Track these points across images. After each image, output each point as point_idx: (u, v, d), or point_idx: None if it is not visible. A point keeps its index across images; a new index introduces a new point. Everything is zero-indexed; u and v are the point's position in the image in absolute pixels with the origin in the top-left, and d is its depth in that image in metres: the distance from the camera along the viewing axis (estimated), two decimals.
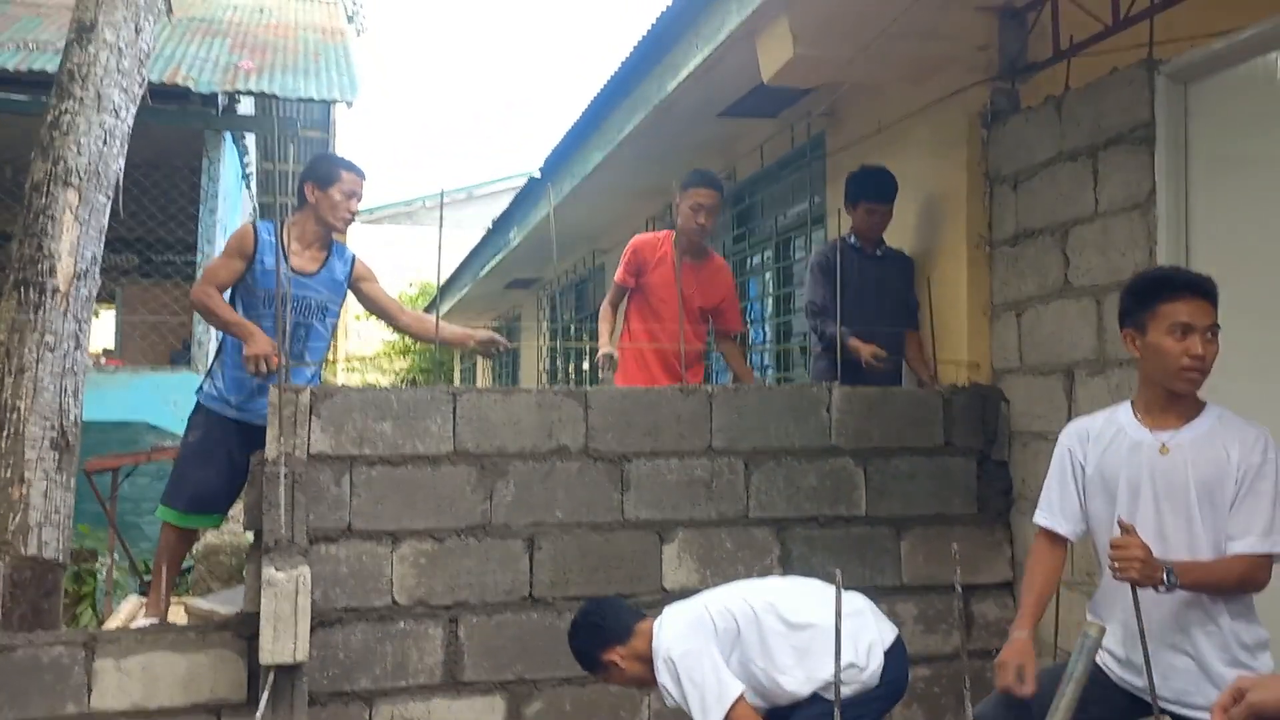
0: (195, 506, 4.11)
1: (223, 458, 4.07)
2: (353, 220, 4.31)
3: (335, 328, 4.44)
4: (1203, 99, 3.40)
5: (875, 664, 2.93)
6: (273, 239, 4.06)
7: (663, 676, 2.86)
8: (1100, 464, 2.64)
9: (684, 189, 4.79)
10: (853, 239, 4.56)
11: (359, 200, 4.29)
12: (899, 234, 4.68)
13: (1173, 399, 2.54)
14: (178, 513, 4.10)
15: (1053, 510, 2.76)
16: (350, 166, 4.29)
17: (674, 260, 4.74)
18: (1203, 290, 2.49)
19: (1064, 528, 2.74)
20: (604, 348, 4.86)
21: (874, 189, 4.52)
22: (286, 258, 4.06)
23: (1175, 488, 2.50)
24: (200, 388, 4.21)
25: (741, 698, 2.81)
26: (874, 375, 4.33)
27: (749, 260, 7.06)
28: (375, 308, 4.47)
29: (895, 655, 3.00)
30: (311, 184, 4.24)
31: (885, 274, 4.57)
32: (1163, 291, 2.51)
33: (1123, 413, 2.66)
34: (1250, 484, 2.43)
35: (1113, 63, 3.65)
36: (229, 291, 4.12)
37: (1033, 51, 4.13)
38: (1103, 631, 1.94)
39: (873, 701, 2.94)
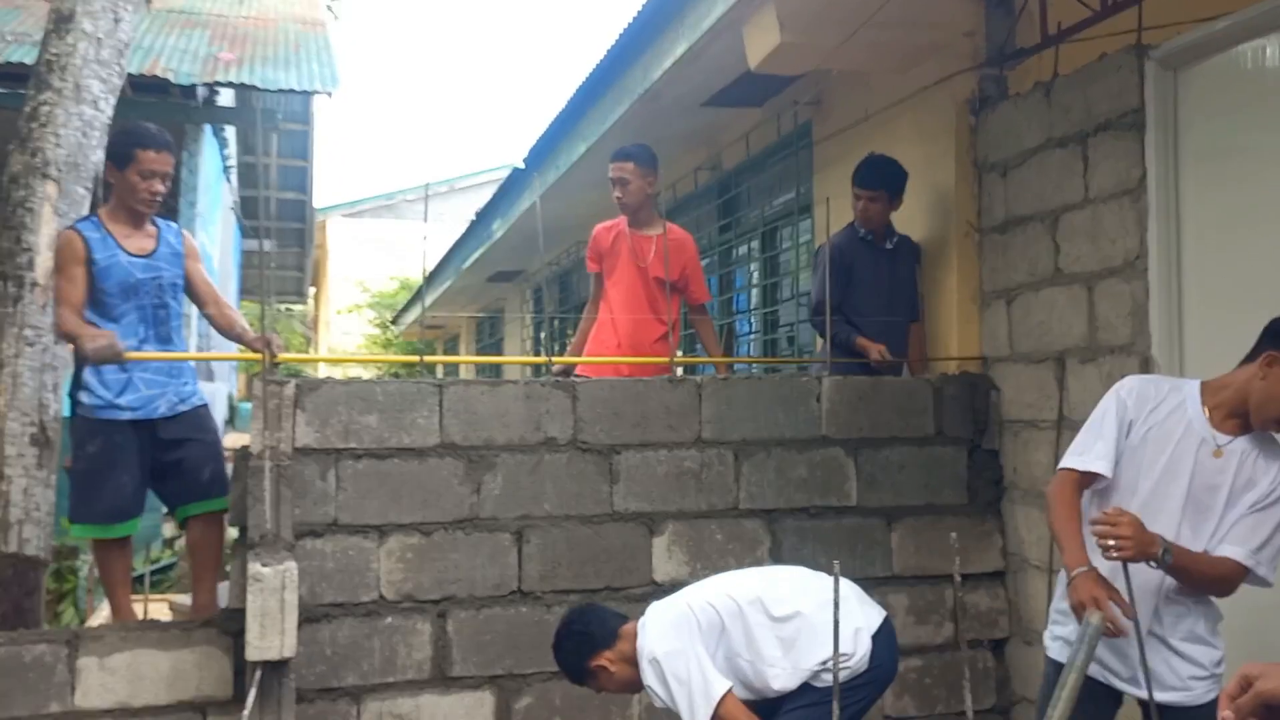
0: (114, 516, 3.88)
1: (131, 461, 3.87)
2: (156, 201, 3.93)
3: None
4: (1193, 84, 3.39)
5: (863, 649, 2.93)
6: (99, 233, 3.89)
7: (648, 677, 2.84)
8: (1150, 432, 2.59)
9: None
10: (862, 230, 4.46)
11: (163, 180, 3.91)
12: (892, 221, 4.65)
13: (1243, 404, 2.52)
14: (99, 526, 3.87)
15: (1096, 453, 2.62)
16: (148, 142, 3.89)
17: (628, 236, 4.75)
18: None
19: (1101, 467, 2.61)
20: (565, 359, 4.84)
21: (861, 175, 4.42)
22: (120, 246, 3.89)
23: (1212, 489, 2.51)
24: (77, 402, 3.92)
25: (729, 693, 2.79)
26: (879, 368, 4.29)
27: (735, 250, 7.04)
28: (190, 290, 4.16)
29: (883, 639, 3.00)
30: (109, 164, 3.97)
31: (897, 267, 4.47)
32: None
33: (1190, 395, 2.60)
34: (1272, 504, 2.45)
35: (1102, 48, 3.63)
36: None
37: (1021, 38, 4.11)
38: (1104, 620, 1.92)
39: (863, 687, 2.93)
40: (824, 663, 2.84)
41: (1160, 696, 2.49)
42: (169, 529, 7.34)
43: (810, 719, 2.79)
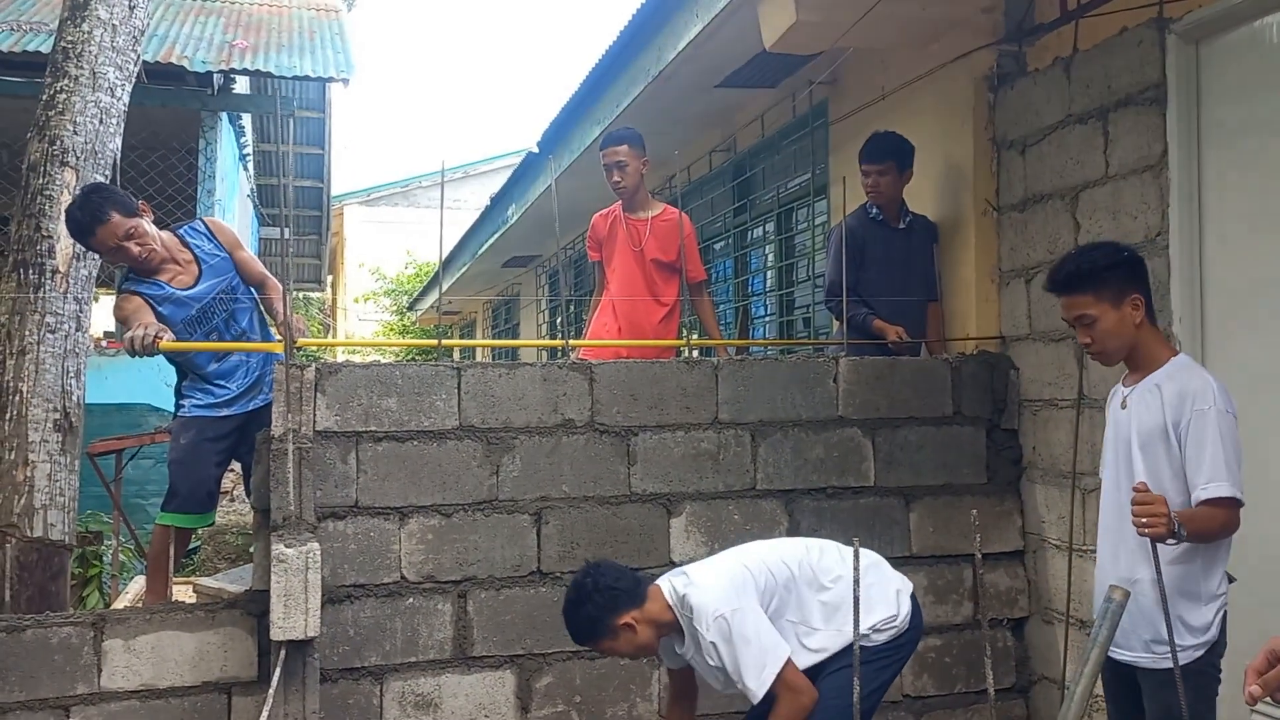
0: (210, 504, 4.13)
1: (225, 449, 4.09)
2: (145, 255, 3.88)
3: (257, 284, 4.25)
4: (1214, 58, 3.35)
5: (905, 609, 3.04)
6: (149, 285, 3.95)
7: (711, 634, 2.82)
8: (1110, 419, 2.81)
9: None
10: (874, 211, 4.46)
11: (133, 238, 3.84)
12: (907, 201, 4.63)
13: (1134, 359, 2.69)
14: (194, 516, 4.07)
15: (1105, 463, 2.86)
16: (83, 231, 3.85)
17: (623, 221, 4.79)
18: (1058, 286, 2.65)
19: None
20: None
21: (867, 151, 4.43)
22: (172, 286, 3.98)
23: (1124, 439, 2.67)
24: (180, 405, 4.07)
25: (790, 657, 2.84)
26: (898, 349, 4.28)
27: (750, 232, 7.02)
28: (244, 278, 4.20)
29: (915, 601, 3.14)
30: (78, 243, 4.06)
31: (911, 246, 4.44)
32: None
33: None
34: (1198, 432, 2.49)
35: (1122, 22, 3.59)
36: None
37: (1039, 13, 4.07)
38: (1127, 596, 1.92)
39: (903, 646, 3.05)
40: (873, 626, 2.95)
41: (1126, 656, 2.60)
42: None
43: (861, 676, 2.82)
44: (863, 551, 2.95)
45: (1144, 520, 2.36)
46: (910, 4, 4.06)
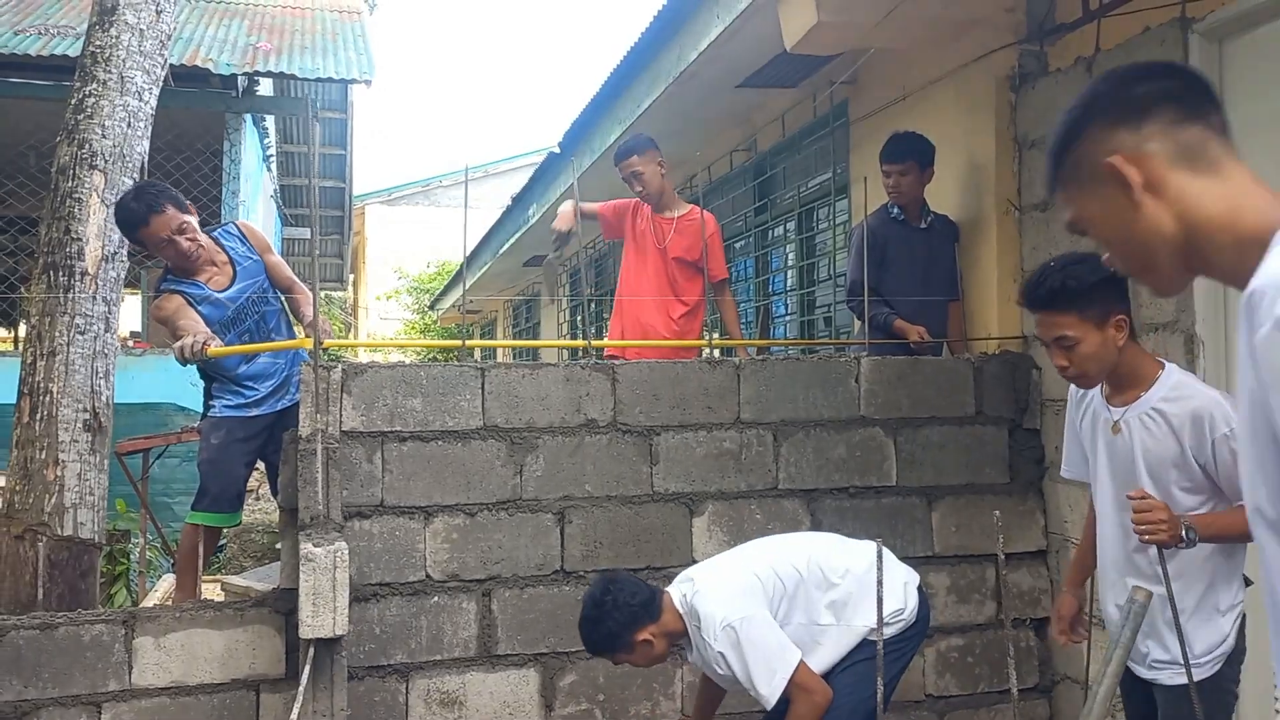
0: (239, 504, 4.20)
1: (254, 449, 4.16)
2: (195, 251, 3.97)
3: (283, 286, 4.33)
4: (1238, 57, 3.34)
5: (913, 601, 3.07)
6: (188, 285, 4.01)
7: (719, 644, 2.84)
8: (1082, 427, 2.74)
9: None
10: (895, 210, 4.46)
11: (183, 233, 3.93)
12: (929, 201, 4.62)
13: (1117, 378, 2.56)
14: (225, 515, 4.15)
15: (1072, 463, 2.85)
16: (131, 226, 3.94)
17: (650, 219, 4.83)
18: (1038, 302, 2.48)
19: (1068, 472, 2.84)
20: (562, 223, 4.66)
21: (888, 151, 4.43)
22: (209, 287, 4.04)
23: (1125, 464, 2.55)
24: (209, 406, 4.15)
25: (802, 660, 2.86)
26: (920, 349, 4.29)
27: (771, 232, 7.02)
28: (272, 280, 4.27)
29: (921, 593, 3.18)
30: (129, 240, 4.14)
31: (933, 246, 4.44)
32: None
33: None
34: (1231, 455, 2.34)
35: (1144, 22, 3.58)
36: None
37: (1061, 12, 4.06)
38: (1149, 597, 1.92)
39: (912, 639, 3.08)
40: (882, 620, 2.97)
41: (1140, 672, 2.57)
42: None
43: (872, 671, 2.87)
44: (869, 546, 2.99)
45: (1144, 528, 2.30)
46: (931, 4, 4.06)
